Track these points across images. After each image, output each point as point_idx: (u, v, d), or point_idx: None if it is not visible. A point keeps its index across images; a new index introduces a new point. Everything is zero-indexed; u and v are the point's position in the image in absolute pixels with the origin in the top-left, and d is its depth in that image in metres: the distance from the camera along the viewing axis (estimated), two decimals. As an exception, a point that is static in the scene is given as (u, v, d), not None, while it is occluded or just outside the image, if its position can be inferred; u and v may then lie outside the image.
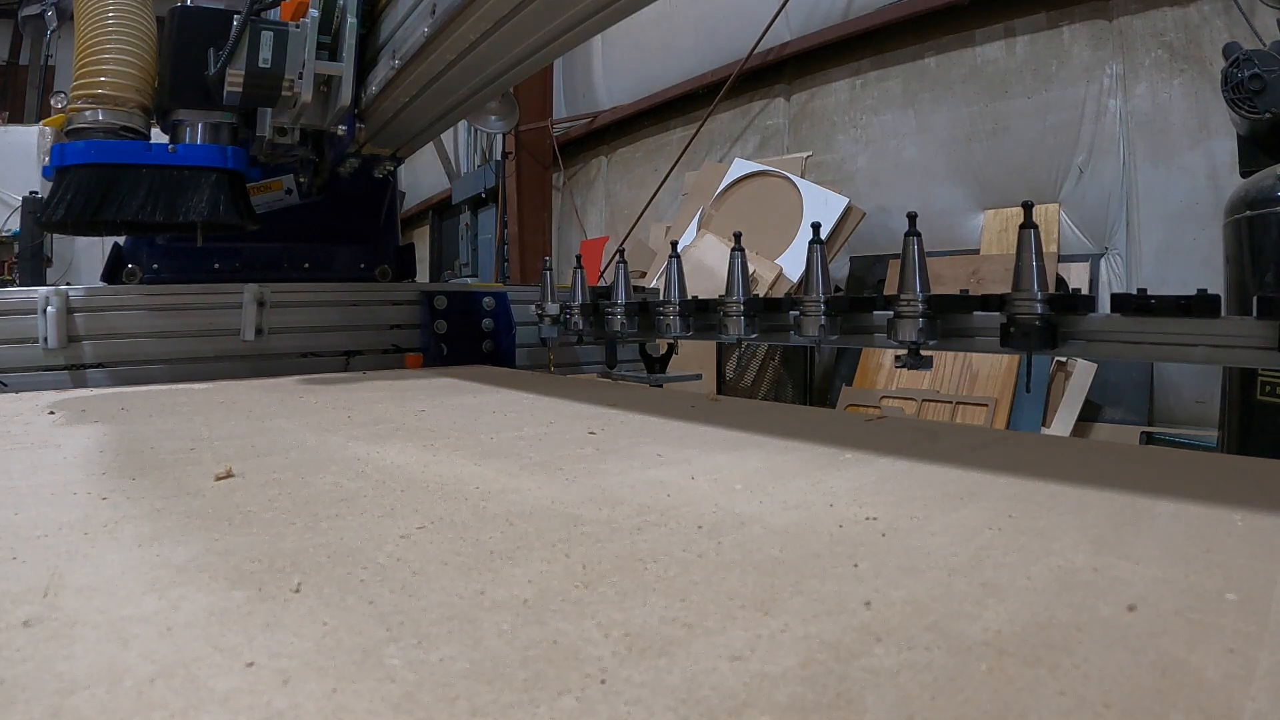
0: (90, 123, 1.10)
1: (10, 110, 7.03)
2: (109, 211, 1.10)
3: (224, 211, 1.15)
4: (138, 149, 1.11)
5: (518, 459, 0.57)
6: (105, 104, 1.11)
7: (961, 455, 0.57)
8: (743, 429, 0.70)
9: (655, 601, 0.30)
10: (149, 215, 1.11)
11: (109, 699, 0.22)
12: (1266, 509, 0.42)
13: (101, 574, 0.33)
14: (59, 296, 1.16)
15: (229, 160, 1.16)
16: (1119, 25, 2.91)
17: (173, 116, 1.18)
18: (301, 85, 1.11)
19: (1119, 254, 2.96)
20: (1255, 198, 1.56)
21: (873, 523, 0.40)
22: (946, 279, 3.01)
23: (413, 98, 1.20)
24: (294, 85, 1.11)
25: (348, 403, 0.88)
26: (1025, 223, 0.90)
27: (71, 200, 1.07)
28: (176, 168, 1.13)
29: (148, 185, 1.11)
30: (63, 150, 1.09)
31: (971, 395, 2.90)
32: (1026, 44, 3.17)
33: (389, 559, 0.35)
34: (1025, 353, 0.90)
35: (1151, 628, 0.27)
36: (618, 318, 1.39)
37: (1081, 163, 3.06)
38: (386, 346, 1.46)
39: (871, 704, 0.22)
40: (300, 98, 1.12)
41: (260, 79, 1.07)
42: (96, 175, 1.09)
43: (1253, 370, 1.53)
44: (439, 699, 0.23)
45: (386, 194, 1.55)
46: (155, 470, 0.53)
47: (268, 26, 1.07)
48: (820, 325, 1.06)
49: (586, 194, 5.34)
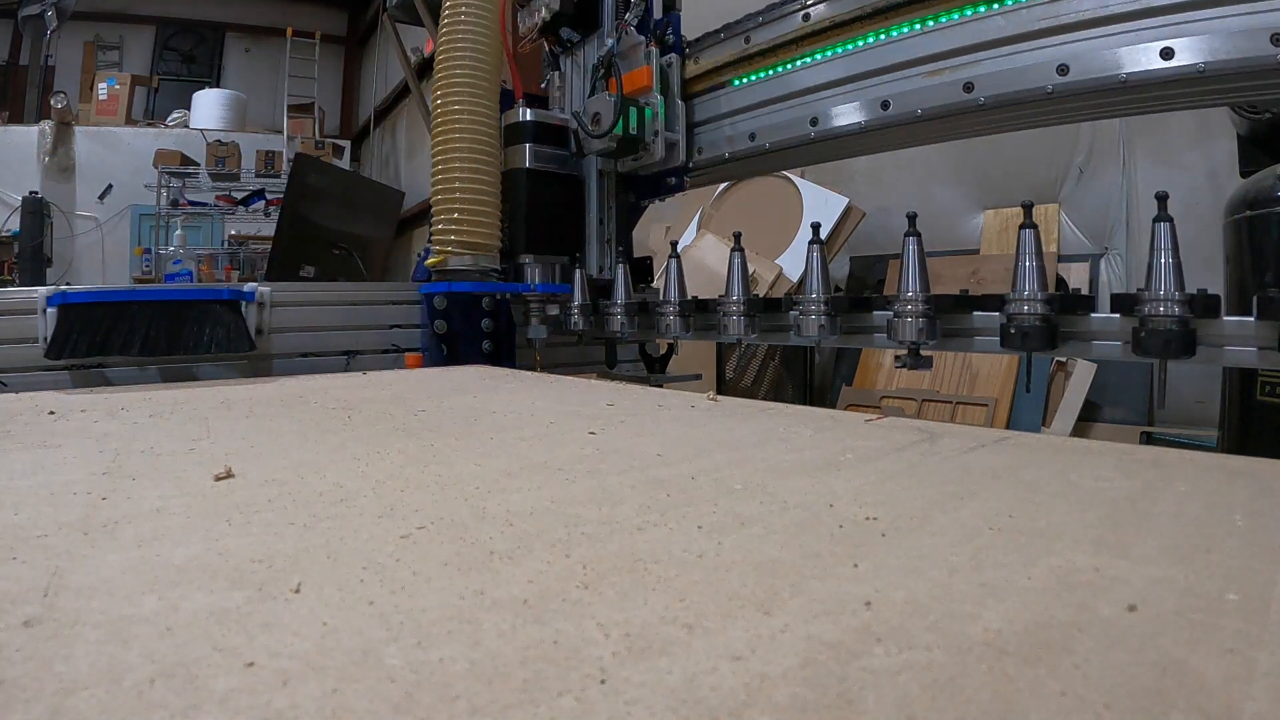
0: (466, 265, 1.52)
1: (10, 110, 7.03)
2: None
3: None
4: (524, 286, 1.59)
5: (518, 459, 0.57)
6: (476, 251, 1.52)
7: (961, 455, 0.57)
8: (743, 429, 0.70)
9: (655, 601, 0.30)
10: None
11: (109, 699, 0.22)
12: (1266, 509, 0.42)
13: (101, 574, 0.33)
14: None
15: (567, 289, 1.56)
16: (1119, 25, 2.90)
17: (519, 259, 1.62)
18: (655, 146, 1.49)
19: (1119, 254, 2.96)
20: (1255, 198, 1.56)
21: (873, 523, 0.40)
22: (946, 279, 3.01)
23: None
24: (649, 146, 1.49)
25: (348, 403, 0.88)
26: (1025, 223, 0.90)
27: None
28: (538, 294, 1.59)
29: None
30: (450, 286, 1.50)
31: (971, 395, 2.91)
32: (1026, 44, 3.17)
33: (389, 559, 0.35)
34: (1025, 353, 0.90)
35: (1151, 628, 0.27)
36: (618, 318, 1.39)
37: (1081, 163, 3.06)
38: (386, 346, 1.46)
39: (871, 704, 0.22)
40: (654, 156, 1.49)
41: (629, 141, 1.47)
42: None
43: (1253, 370, 1.53)
44: (439, 699, 0.23)
45: (640, 215, 1.85)
46: (155, 470, 0.53)
47: (633, 103, 1.47)
48: (820, 325, 1.06)
49: (586, 194, 5.33)
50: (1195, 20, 0.90)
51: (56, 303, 1.15)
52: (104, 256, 6.78)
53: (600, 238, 1.68)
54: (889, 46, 1.18)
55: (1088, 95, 0.99)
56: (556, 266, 1.64)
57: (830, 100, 1.27)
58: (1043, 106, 1.05)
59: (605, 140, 1.46)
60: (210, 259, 5.82)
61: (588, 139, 1.51)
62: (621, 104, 1.42)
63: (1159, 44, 0.92)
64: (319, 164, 3.35)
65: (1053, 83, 1.01)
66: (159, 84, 7.79)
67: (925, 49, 1.13)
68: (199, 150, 6.70)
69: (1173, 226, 0.80)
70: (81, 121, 6.95)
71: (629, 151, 1.52)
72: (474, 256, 1.51)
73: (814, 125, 1.30)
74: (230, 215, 6.68)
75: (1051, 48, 1.01)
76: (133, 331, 1.18)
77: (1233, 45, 0.87)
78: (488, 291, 1.51)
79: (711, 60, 1.46)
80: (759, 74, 1.38)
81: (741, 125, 1.43)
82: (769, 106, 1.37)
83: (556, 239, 1.64)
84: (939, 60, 1.13)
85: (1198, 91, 0.93)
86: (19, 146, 6.61)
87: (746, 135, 1.42)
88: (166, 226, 6.36)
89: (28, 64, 7.25)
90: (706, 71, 1.47)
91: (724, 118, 1.46)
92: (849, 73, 1.24)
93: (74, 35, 7.37)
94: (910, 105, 1.16)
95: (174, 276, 5.45)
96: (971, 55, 1.09)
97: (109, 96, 7.14)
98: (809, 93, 1.30)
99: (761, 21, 1.34)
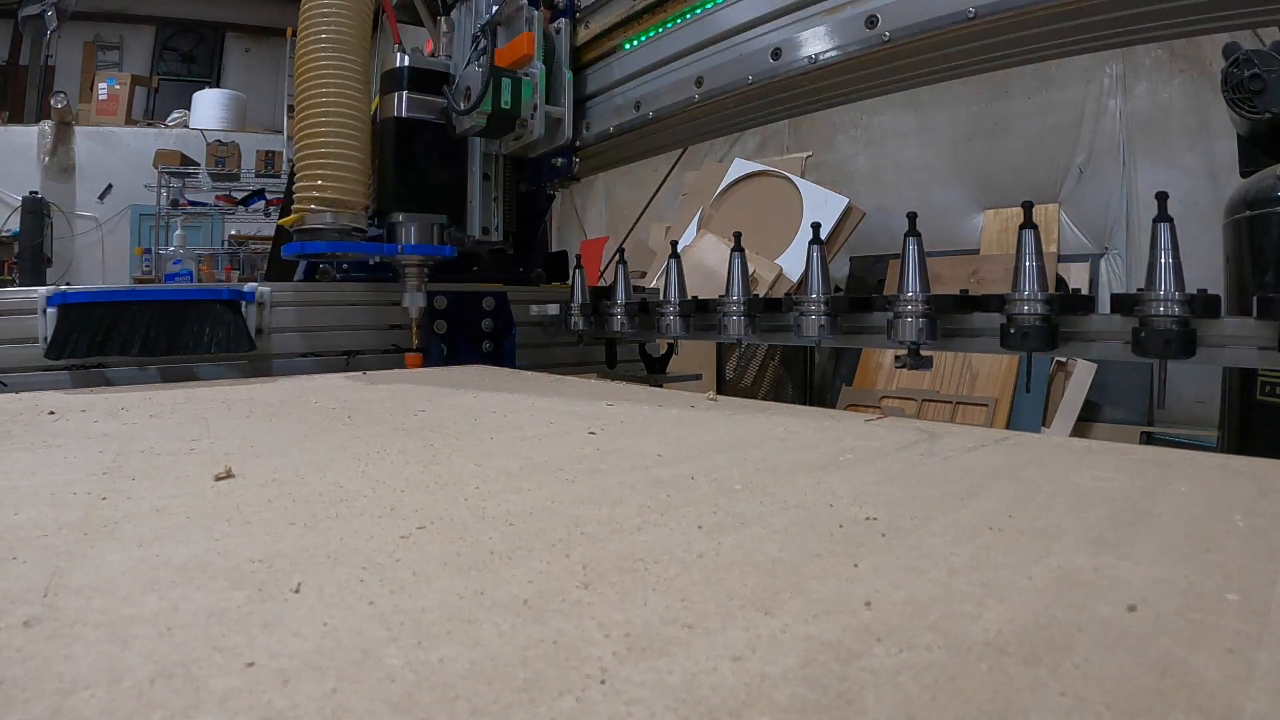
0: (324, 224, 1.34)
1: (10, 110, 7.03)
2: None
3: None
4: (390, 248, 1.41)
5: (518, 459, 0.57)
6: (336, 208, 1.34)
7: (961, 455, 0.57)
8: (743, 429, 0.70)
9: (655, 601, 0.30)
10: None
11: (109, 699, 0.22)
12: (1266, 509, 0.42)
13: (101, 574, 0.33)
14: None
15: (446, 251, 1.46)
16: (1119, 25, 2.91)
17: (391, 218, 1.44)
18: (534, 123, 1.35)
19: (1119, 254, 2.96)
20: (1255, 198, 1.56)
21: (873, 523, 0.40)
22: (946, 279, 3.01)
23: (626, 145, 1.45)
24: (527, 123, 1.36)
25: (348, 403, 0.88)
26: (1025, 223, 0.90)
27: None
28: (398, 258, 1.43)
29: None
30: (303, 247, 1.35)
31: (971, 395, 2.91)
32: (1026, 44, 3.17)
33: (389, 559, 0.35)
34: (1025, 353, 0.90)
35: (1151, 628, 0.27)
36: (618, 318, 1.39)
37: (1081, 163, 3.06)
38: (386, 346, 1.46)
39: (871, 704, 0.22)
40: (532, 134, 1.36)
41: (501, 117, 1.32)
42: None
43: (1253, 370, 1.53)
44: (439, 699, 0.23)
45: (549, 208, 1.73)
46: (155, 470, 0.53)
47: (507, 75, 1.32)
48: (820, 325, 1.06)
49: (586, 194, 5.34)
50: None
51: (56, 303, 1.15)
52: (104, 256, 6.78)
53: (486, 194, 1.51)
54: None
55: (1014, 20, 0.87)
56: (434, 227, 1.46)
57: (721, 52, 1.16)
58: (956, 45, 0.93)
59: (473, 117, 1.31)
60: (210, 259, 5.83)
61: (457, 117, 1.36)
62: (491, 75, 1.28)
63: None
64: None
65: (975, 5, 0.88)
66: (159, 84, 7.79)
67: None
68: (199, 150, 6.70)
69: (1173, 226, 0.80)
70: (81, 121, 6.96)
71: (502, 130, 1.37)
72: (334, 214, 1.33)
73: (699, 86, 1.19)
74: (230, 215, 6.68)
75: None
76: (133, 331, 1.18)
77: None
78: (343, 252, 1.37)
79: (601, 23, 1.33)
80: (648, 33, 1.26)
81: (631, 93, 1.30)
82: (657, 70, 1.27)
83: (434, 195, 1.45)
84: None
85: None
86: (19, 146, 6.61)
87: (633, 105, 1.29)
88: (166, 226, 6.36)
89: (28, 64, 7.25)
90: (597, 36, 1.34)
91: (614, 87, 1.34)
92: (738, 20, 1.13)
93: (74, 35, 7.38)
94: (804, 51, 1.03)
95: (174, 276, 5.45)
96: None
97: (109, 96, 7.14)
98: (699, 49, 1.19)
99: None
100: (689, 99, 1.23)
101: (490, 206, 1.52)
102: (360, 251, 1.39)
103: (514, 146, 1.45)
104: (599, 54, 1.39)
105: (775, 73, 1.10)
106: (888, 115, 3.67)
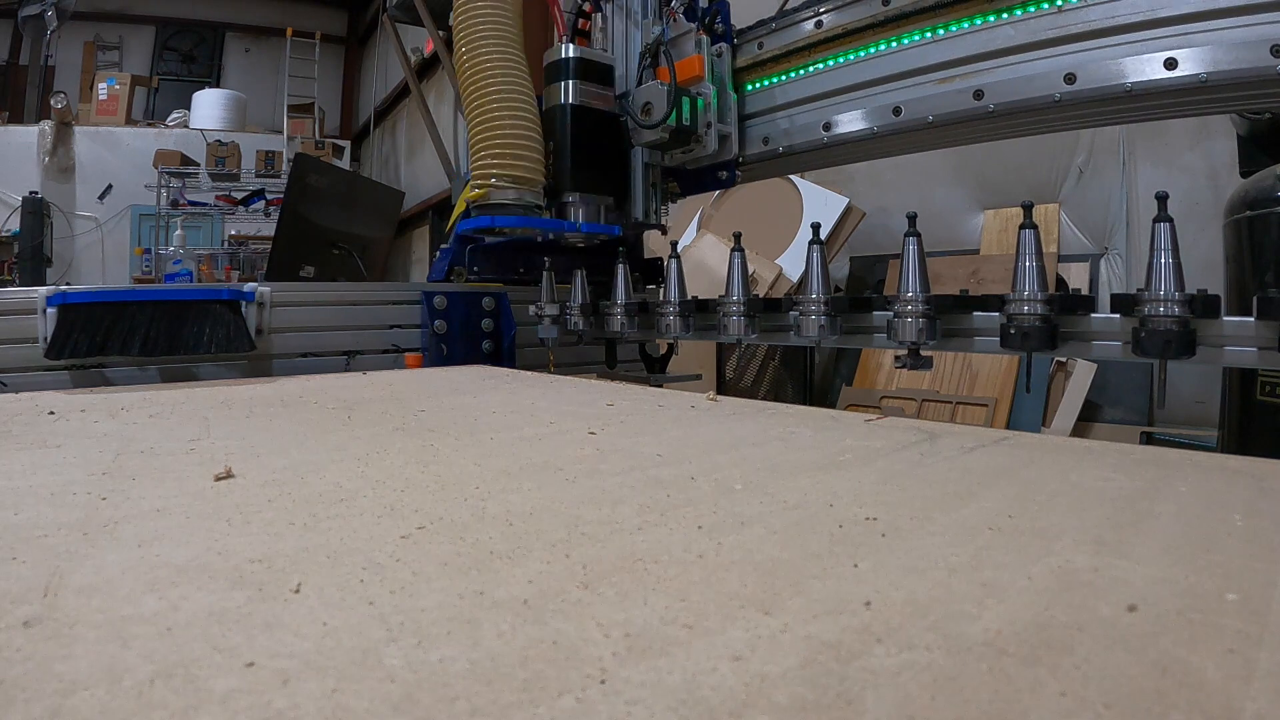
0: (509, 200, 1.44)
1: (10, 110, 7.04)
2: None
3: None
4: (568, 224, 1.52)
5: (518, 459, 0.57)
6: (520, 185, 1.44)
7: (961, 455, 0.57)
8: (743, 429, 0.70)
9: (655, 601, 0.30)
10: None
11: (109, 699, 0.22)
12: (1266, 509, 0.42)
13: (101, 574, 0.33)
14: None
15: (614, 231, 1.59)
16: (1119, 25, 2.91)
17: (563, 198, 1.54)
18: (708, 139, 1.44)
19: (1119, 254, 2.96)
20: (1255, 198, 1.56)
21: (873, 523, 0.40)
22: (946, 279, 3.01)
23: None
24: (701, 139, 1.45)
25: (348, 403, 0.88)
26: (1025, 223, 0.90)
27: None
28: (582, 234, 1.54)
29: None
30: (493, 220, 1.44)
31: (971, 395, 2.91)
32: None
33: (389, 559, 0.35)
34: (1025, 353, 0.90)
35: (1151, 628, 0.27)
36: (618, 318, 1.39)
37: (1081, 163, 3.06)
38: (386, 346, 1.46)
39: (871, 704, 0.22)
40: (706, 149, 1.45)
41: (682, 132, 1.42)
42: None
43: (1253, 370, 1.53)
44: (439, 699, 0.23)
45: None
46: (155, 470, 0.53)
47: (686, 94, 1.42)
48: (820, 325, 1.06)
49: (586, 194, 5.33)
50: (1198, 31, 0.91)
51: (56, 303, 1.15)
52: (104, 256, 6.78)
53: (647, 181, 1.62)
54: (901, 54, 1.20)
55: (1094, 103, 1.01)
56: (601, 208, 1.57)
57: (911, 88, 1.26)
58: (1048, 114, 1.06)
59: (658, 131, 1.40)
60: (210, 259, 5.83)
61: (637, 129, 1.45)
62: (675, 93, 1.37)
63: (1163, 54, 0.94)
64: (319, 164, 3.35)
65: (1060, 91, 1.02)
66: (159, 84, 7.80)
67: (937, 56, 1.16)
68: (199, 150, 6.70)
69: (1173, 227, 0.80)
70: (81, 121, 6.96)
71: (681, 144, 1.47)
72: (518, 191, 1.43)
73: (896, 115, 1.27)
74: (230, 215, 6.69)
75: (1058, 57, 1.03)
76: (133, 331, 1.18)
77: (1234, 56, 0.88)
78: (535, 228, 1.46)
79: (759, 54, 1.43)
80: (814, 65, 1.35)
81: (800, 119, 1.40)
82: (826, 99, 1.36)
83: (601, 177, 1.58)
84: (949, 68, 1.15)
85: (1199, 100, 0.95)
86: (19, 146, 6.61)
87: (810, 127, 1.38)
88: (166, 226, 6.36)
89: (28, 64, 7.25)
90: (756, 63, 1.44)
91: (778, 110, 1.42)
92: (872, 76, 1.25)
93: (74, 35, 7.38)
94: (921, 111, 1.20)
95: (174, 276, 5.46)
96: (980, 64, 1.12)
97: (109, 96, 7.14)
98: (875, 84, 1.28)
99: (824, 10, 1.32)
100: (868, 130, 1.31)
101: (650, 193, 1.64)
102: (542, 227, 1.48)
103: (681, 159, 1.54)
104: (756, 78, 1.48)
105: (897, 128, 1.23)
106: (888, 115, 3.67)
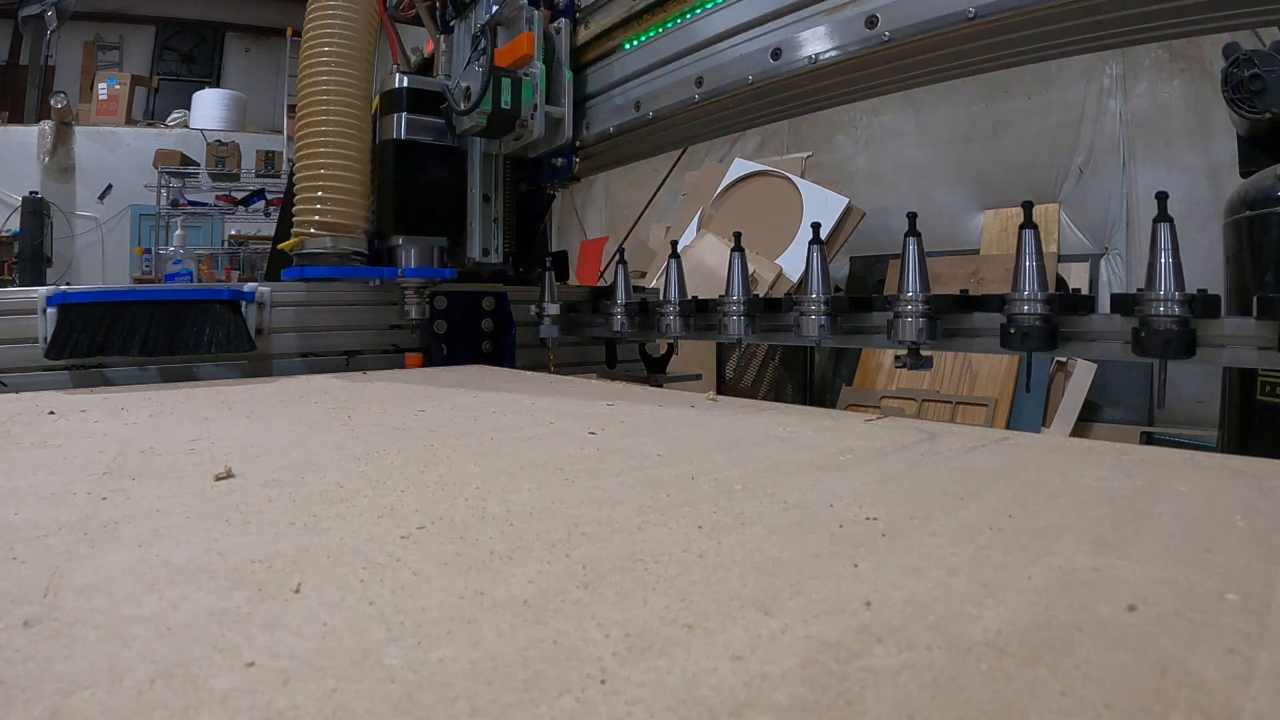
0: (324, 248, 1.38)
1: (10, 110, 7.03)
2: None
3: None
4: (390, 271, 1.43)
5: (518, 459, 0.57)
6: (336, 232, 1.38)
7: (961, 455, 0.57)
8: (743, 429, 0.70)
9: (655, 601, 0.30)
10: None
11: (109, 699, 0.22)
12: (1266, 509, 0.42)
13: (101, 574, 0.33)
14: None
15: (446, 274, 1.48)
16: (1119, 25, 2.91)
17: (391, 241, 1.46)
18: (534, 123, 1.35)
19: (1119, 254, 2.96)
20: (1255, 198, 1.56)
21: (873, 523, 0.40)
22: (946, 279, 3.01)
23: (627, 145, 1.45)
24: (527, 123, 1.35)
25: (348, 403, 0.88)
26: (1025, 223, 0.90)
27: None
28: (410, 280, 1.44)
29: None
30: (303, 271, 1.39)
31: (971, 395, 2.91)
32: (1026, 44, 3.17)
33: (389, 559, 0.35)
34: (1025, 353, 0.90)
35: (1151, 628, 0.27)
36: (618, 318, 1.39)
37: (1081, 163, 3.06)
38: (386, 346, 1.46)
39: (871, 704, 0.22)
40: (532, 133, 1.36)
41: (501, 116, 1.32)
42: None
43: (1253, 370, 1.53)
44: (439, 699, 0.23)
45: (549, 208, 1.72)
46: (155, 470, 0.53)
47: (506, 75, 1.31)
48: (820, 325, 1.06)
49: (586, 194, 5.34)
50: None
51: (56, 303, 1.15)
52: (104, 256, 6.78)
53: (486, 215, 1.52)
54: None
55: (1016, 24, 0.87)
56: (435, 249, 1.48)
57: (721, 52, 1.16)
58: (956, 45, 0.93)
59: (474, 117, 1.30)
60: (210, 259, 5.83)
61: (457, 118, 1.35)
62: (490, 75, 1.28)
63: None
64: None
65: (975, 5, 0.87)
66: (159, 84, 7.79)
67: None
68: (199, 150, 6.70)
69: (1173, 226, 0.80)
70: (81, 121, 6.96)
71: (502, 130, 1.36)
72: (333, 238, 1.36)
73: (699, 85, 1.19)
74: (230, 215, 6.68)
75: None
76: (133, 331, 1.18)
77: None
78: (344, 277, 1.38)
79: (601, 23, 1.33)
80: (648, 34, 1.26)
81: (632, 93, 1.30)
82: (657, 70, 1.27)
83: (434, 218, 1.47)
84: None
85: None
86: (19, 146, 6.61)
87: (633, 105, 1.29)
88: (166, 226, 6.36)
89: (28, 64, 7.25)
90: (597, 36, 1.34)
91: (614, 87, 1.34)
92: (738, 21, 1.13)
93: (74, 35, 7.38)
94: (804, 51, 1.03)
95: (174, 276, 5.46)
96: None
97: (109, 96, 7.14)
98: (699, 49, 1.20)
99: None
100: (689, 99, 1.23)
101: (490, 228, 1.53)
102: (360, 276, 1.41)
103: (514, 147, 1.46)
104: (599, 54, 1.39)
105: (775, 73, 1.10)
106: (887, 115, 3.67)
